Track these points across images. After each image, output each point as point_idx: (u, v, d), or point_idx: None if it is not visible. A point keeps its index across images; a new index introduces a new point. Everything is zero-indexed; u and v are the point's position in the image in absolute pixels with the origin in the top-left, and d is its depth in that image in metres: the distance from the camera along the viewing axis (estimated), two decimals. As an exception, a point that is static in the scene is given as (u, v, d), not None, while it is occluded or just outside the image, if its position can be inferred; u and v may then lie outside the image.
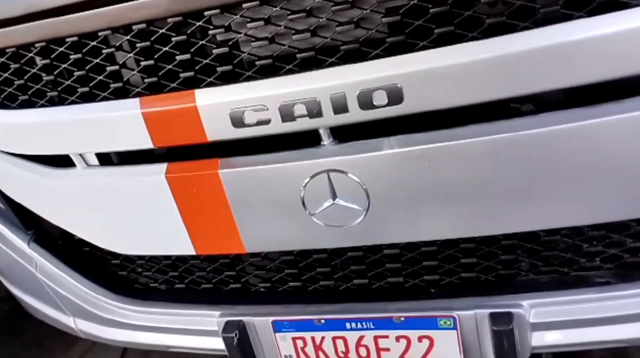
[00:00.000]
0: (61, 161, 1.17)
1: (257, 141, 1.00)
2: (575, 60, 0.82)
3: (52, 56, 1.09)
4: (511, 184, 0.93)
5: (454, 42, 0.86)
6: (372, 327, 1.15)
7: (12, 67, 1.14)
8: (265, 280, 1.29)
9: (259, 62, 0.97)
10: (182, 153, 1.09)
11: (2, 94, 1.18)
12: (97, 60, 1.06)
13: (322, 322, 1.18)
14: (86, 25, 1.02)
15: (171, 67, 1.02)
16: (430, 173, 0.94)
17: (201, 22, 0.98)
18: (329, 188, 0.99)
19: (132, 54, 1.04)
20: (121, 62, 1.06)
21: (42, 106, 1.14)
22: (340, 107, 0.91)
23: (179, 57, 1.01)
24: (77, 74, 1.09)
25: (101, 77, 1.07)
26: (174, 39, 1.00)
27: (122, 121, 1.04)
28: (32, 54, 1.11)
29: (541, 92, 0.86)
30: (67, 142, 1.12)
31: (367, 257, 1.18)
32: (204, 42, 1.00)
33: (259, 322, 1.22)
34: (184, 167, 1.07)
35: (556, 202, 0.93)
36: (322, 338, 1.19)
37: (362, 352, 1.19)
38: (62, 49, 1.07)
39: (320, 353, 1.21)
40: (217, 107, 0.97)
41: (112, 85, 1.07)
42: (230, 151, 1.05)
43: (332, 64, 0.93)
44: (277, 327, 1.21)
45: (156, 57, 1.02)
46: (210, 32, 0.98)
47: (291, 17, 0.93)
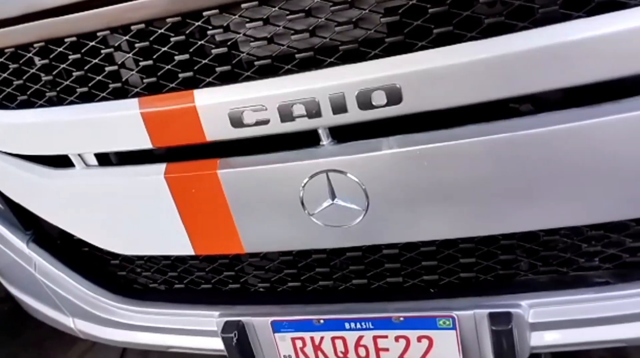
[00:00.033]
0: (60, 161, 1.17)
1: (256, 142, 1.00)
2: (573, 60, 0.82)
3: (51, 56, 1.09)
4: (510, 184, 0.93)
5: (453, 42, 0.86)
6: (372, 327, 1.15)
7: (11, 67, 1.14)
8: (264, 280, 1.29)
9: (257, 63, 0.97)
10: (181, 153, 1.09)
11: (1, 94, 1.18)
12: (96, 60, 1.06)
13: (321, 322, 1.18)
14: (85, 25, 1.02)
15: (170, 67, 1.02)
16: (429, 173, 0.94)
17: (200, 22, 0.98)
18: (328, 188, 0.99)
19: (131, 54, 1.04)
20: (120, 63, 1.06)
21: (41, 106, 1.14)
22: (339, 107, 0.91)
23: (177, 58, 1.01)
24: (76, 74, 1.09)
25: (100, 78, 1.07)
26: (172, 39, 1.00)
27: (121, 121, 1.04)
28: (30, 54, 1.11)
29: (540, 92, 0.86)
30: (66, 142, 1.12)
31: (366, 257, 1.18)
32: (203, 42, 1.00)
33: (258, 322, 1.22)
34: (183, 167, 1.07)
35: (555, 202, 0.93)
36: (321, 338, 1.19)
37: (362, 352, 1.19)
38: (61, 49, 1.07)
39: (319, 353, 1.21)
40: (216, 108, 0.97)
41: (111, 85, 1.07)
42: (229, 151, 1.05)
43: (331, 64, 0.93)
44: (276, 327, 1.21)
45: (155, 57, 1.02)
46: (209, 32, 0.98)
47: (290, 17, 0.93)
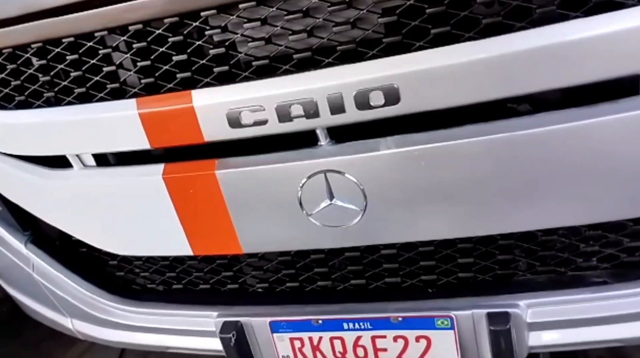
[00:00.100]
0: (58, 162, 1.17)
1: (254, 142, 1.00)
2: (571, 60, 0.82)
3: (49, 57, 1.09)
4: (508, 184, 0.93)
5: (451, 43, 0.86)
6: (370, 327, 1.15)
7: (9, 67, 1.14)
8: (262, 280, 1.29)
9: (255, 63, 0.97)
10: (179, 153, 1.09)
11: (-2, 94, 1.18)
12: (94, 61, 1.06)
13: (320, 322, 1.18)
14: (83, 25, 1.02)
15: (168, 67, 1.02)
16: (427, 173, 0.94)
17: (198, 23, 0.98)
18: (326, 188, 0.99)
19: (128, 55, 1.04)
20: (118, 63, 1.06)
21: (39, 107, 1.14)
22: (337, 107, 0.91)
23: (175, 58, 1.01)
24: (73, 74, 1.09)
25: (98, 78, 1.08)
26: (170, 39, 1.00)
27: (119, 122, 1.04)
28: (28, 55, 1.11)
29: (538, 92, 0.86)
30: (64, 143, 1.12)
31: (365, 257, 1.18)
32: (201, 42, 1.00)
33: (257, 323, 1.22)
34: (181, 168, 1.07)
35: (553, 202, 0.93)
36: (320, 338, 1.19)
37: (360, 352, 1.19)
38: (58, 49, 1.07)
39: (317, 353, 1.21)
40: (214, 108, 0.97)
41: (108, 86, 1.07)
42: (227, 152, 1.05)
43: (329, 65, 0.93)
44: (275, 328, 1.21)
45: (153, 57, 1.02)
46: (206, 32, 0.98)
47: (288, 17, 0.93)
